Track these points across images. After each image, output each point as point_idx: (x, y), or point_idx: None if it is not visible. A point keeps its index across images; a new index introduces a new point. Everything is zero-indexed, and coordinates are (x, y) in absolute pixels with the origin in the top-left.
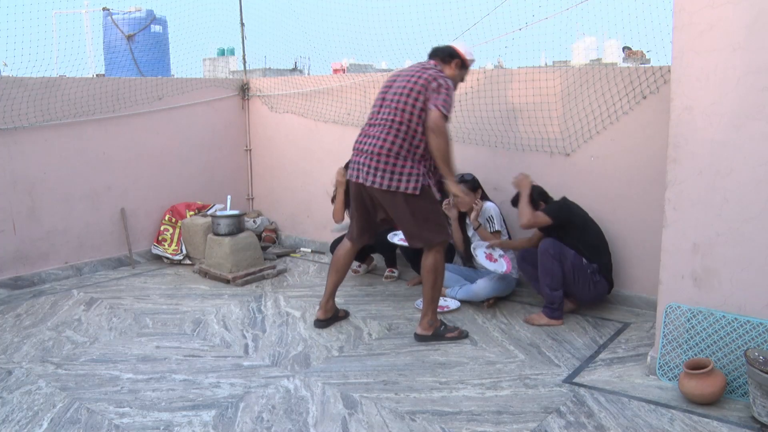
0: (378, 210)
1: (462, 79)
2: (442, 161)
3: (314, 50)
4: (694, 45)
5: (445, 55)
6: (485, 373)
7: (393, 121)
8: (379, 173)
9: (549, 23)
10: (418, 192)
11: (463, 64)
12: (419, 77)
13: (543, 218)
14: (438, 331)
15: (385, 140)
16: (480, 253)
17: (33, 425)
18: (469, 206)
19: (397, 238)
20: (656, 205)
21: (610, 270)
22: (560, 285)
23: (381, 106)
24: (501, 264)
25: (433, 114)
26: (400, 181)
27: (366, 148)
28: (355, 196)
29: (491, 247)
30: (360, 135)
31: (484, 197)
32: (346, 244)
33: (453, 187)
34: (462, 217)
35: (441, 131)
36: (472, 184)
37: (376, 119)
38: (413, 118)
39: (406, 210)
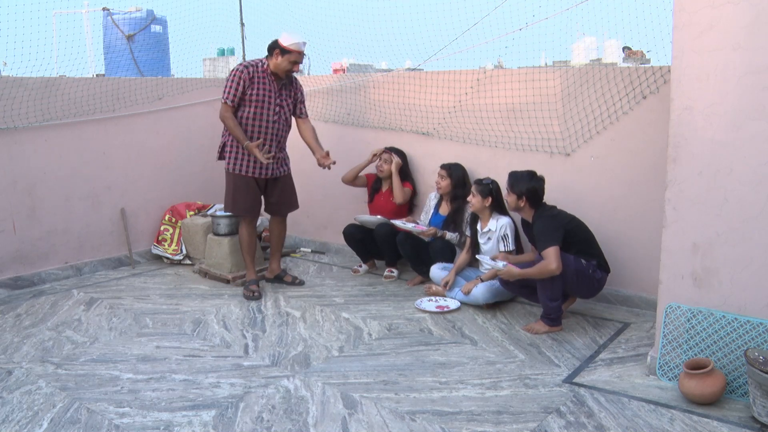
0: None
1: (292, 64)
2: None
3: (314, 50)
4: (694, 45)
5: (269, 49)
6: (485, 373)
7: None
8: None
9: (549, 23)
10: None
11: (283, 51)
12: None
13: (554, 251)
14: (245, 284)
15: None
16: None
17: (33, 425)
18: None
19: (410, 225)
20: (656, 205)
21: (603, 258)
22: (560, 295)
23: None
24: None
25: None
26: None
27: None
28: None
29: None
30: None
31: (500, 210)
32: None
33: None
34: (473, 220)
35: (221, 117)
36: (480, 188)
37: None
38: None
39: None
